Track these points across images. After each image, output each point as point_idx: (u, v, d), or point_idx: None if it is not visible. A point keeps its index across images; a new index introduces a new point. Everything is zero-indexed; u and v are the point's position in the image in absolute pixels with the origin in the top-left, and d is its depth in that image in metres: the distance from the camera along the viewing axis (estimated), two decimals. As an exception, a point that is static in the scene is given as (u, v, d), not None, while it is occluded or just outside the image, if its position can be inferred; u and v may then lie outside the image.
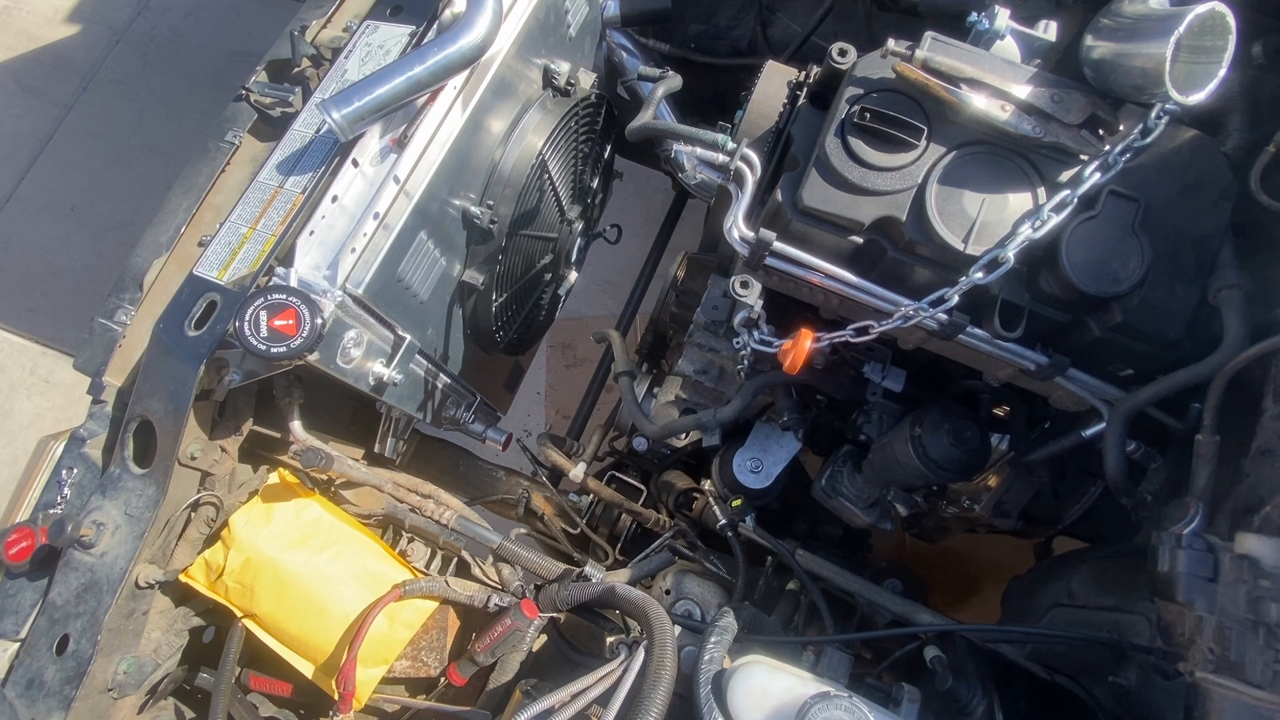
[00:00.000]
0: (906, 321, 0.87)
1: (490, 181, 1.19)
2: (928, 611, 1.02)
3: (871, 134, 0.88)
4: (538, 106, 1.23)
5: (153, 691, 0.98)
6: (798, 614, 1.10)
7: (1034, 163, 0.87)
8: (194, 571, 0.97)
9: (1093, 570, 1.05)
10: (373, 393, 1.03)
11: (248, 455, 1.07)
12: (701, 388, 1.30)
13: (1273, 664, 0.64)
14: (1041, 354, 0.90)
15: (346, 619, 0.95)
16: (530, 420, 2.21)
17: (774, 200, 0.94)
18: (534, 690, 0.84)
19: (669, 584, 1.12)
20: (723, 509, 1.23)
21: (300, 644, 0.96)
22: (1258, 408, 0.80)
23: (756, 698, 0.73)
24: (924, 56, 0.87)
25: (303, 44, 1.12)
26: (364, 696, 0.94)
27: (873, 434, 1.19)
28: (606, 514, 1.37)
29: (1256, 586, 0.67)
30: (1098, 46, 0.85)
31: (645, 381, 1.37)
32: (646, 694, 0.72)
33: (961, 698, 0.87)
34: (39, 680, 0.90)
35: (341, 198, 0.93)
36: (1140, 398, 0.87)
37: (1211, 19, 0.74)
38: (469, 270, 1.21)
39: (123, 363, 0.94)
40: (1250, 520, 0.73)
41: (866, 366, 1.14)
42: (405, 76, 0.92)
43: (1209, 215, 0.87)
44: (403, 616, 0.97)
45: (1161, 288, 0.85)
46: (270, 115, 1.08)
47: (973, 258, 0.85)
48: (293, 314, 0.85)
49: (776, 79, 1.14)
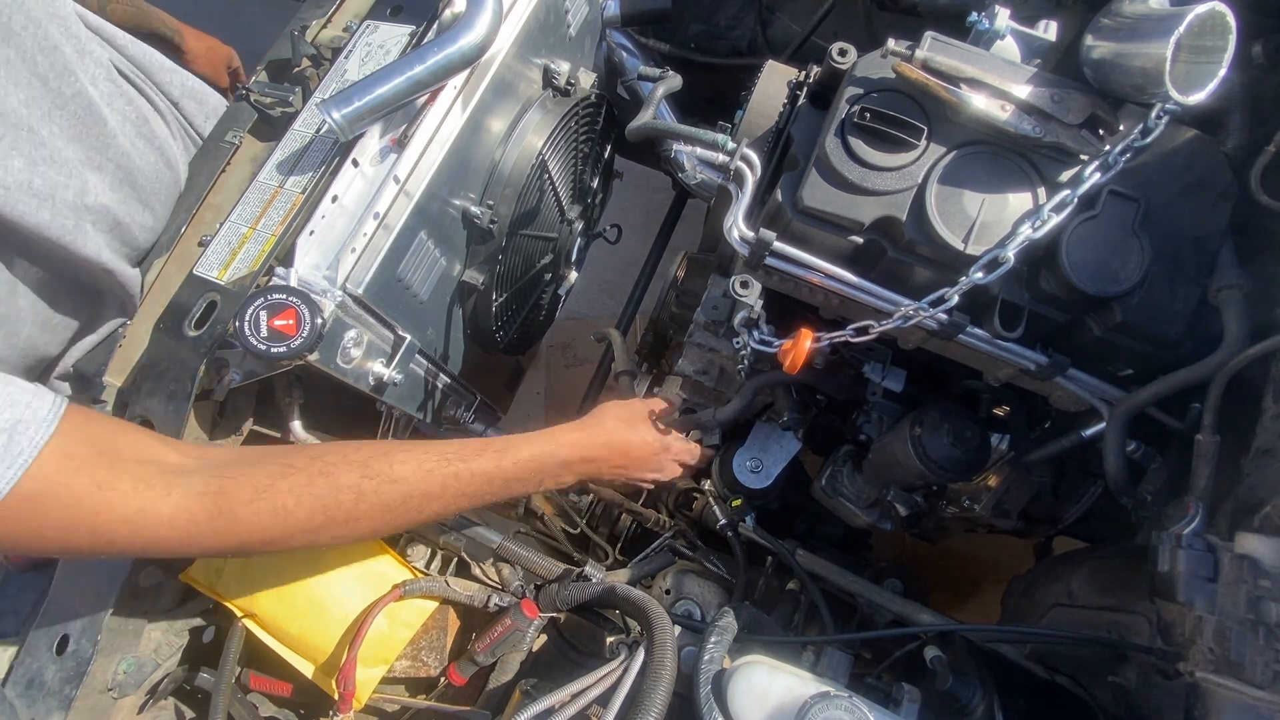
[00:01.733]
0: (906, 321, 0.87)
1: (490, 181, 1.19)
2: (928, 611, 1.02)
3: (871, 134, 0.88)
4: (538, 106, 1.23)
5: (153, 691, 0.98)
6: (798, 614, 1.10)
7: (1034, 163, 0.87)
8: (194, 571, 0.97)
9: (1093, 570, 1.05)
10: (373, 393, 1.03)
11: (248, 455, 1.07)
12: (701, 388, 1.30)
13: (1273, 664, 0.64)
14: (1041, 354, 0.90)
15: (346, 619, 0.95)
16: (530, 420, 2.21)
17: (774, 200, 0.94)
18: (534, 690, 0.84)
19: (669, 584, 1.12)
20: (723, 509, 1.23)
21: (300, 644, 0.96)
22: (1258, 408, 0.80)
23: (756, 697, 0.73)
24: (924, 56, 0.87)
25: (303, 44, 1.12)
26: (364, 696, 0.94)
27: (873, 434, 1.19)
28: (606, 514, 1.37)
29: (1256, 586, 0.67)
30: (1098, 46, 0.85)
31: (645, 381, 1.37)
32: (646, 694, 0.72)
33: (961, 698, 0.87)
34: (39, 680, 0.90)
35: (341, 198, 0.93)
36: (1140, 397, 0.87)
37: (1211, 19, 0.74)
38: (469, 270, 1.21)
39: (123, 363, 0.94)
40: (1250, 520, 0.73)
41: (866, 366, 1.14)
42: (405, 76, 0.92)
43: (1209, 215, 0.87)
44: (403, 616, 0.97)
45: (1161, 288, 0.85)
46: (270, 115, 1.08)
47: (973, 258, 0.85)
48: (293, 314, 0.85)
49: (776, 79, 1.14)
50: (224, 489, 0.71)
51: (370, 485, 0.79)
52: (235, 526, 0.72)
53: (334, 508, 0.77)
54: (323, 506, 0.76)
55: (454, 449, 0.88)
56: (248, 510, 0.72)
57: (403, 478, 0.82)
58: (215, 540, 0.72)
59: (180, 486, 0.70)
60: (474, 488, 0.88)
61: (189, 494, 0.70)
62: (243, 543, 0.73)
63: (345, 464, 0.79)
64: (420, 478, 0.83)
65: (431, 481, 0.84)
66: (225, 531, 0.71)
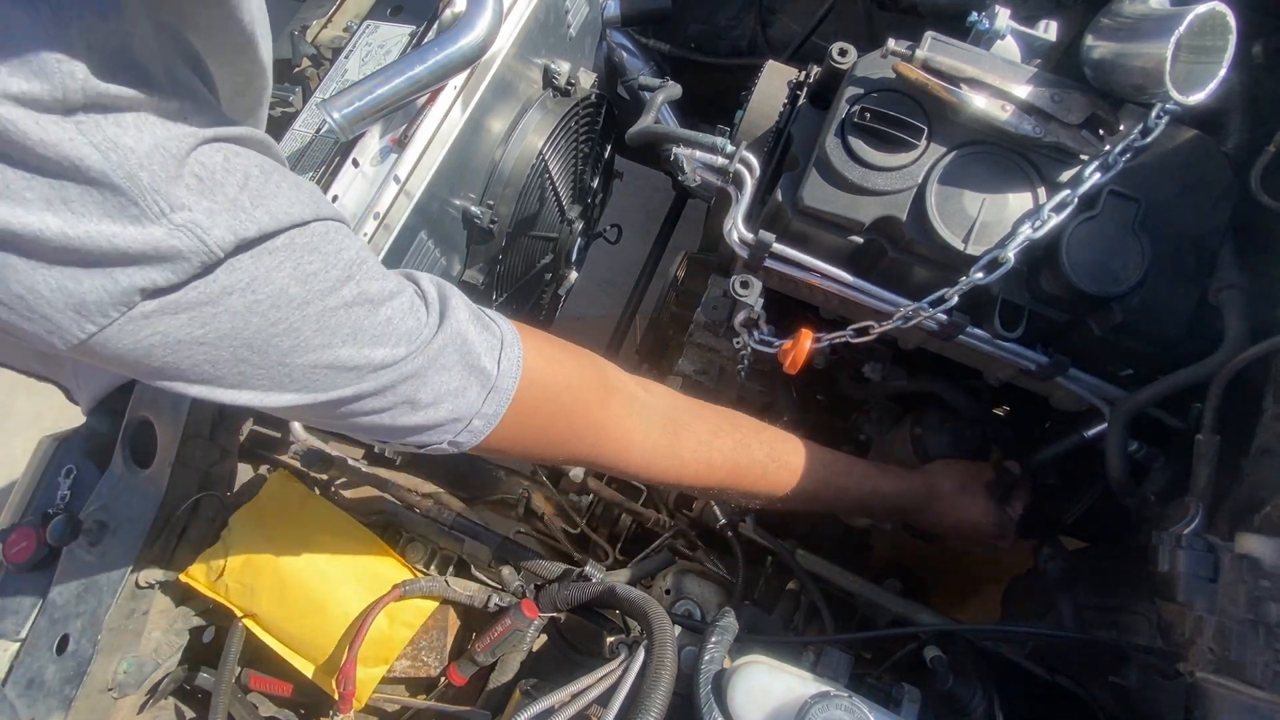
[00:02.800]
0: (907, 322, 0.87)
1: (490, 181, 1.19)
2: (928, 611, 1.02)
3: (872, 134, 0.88)
4: (538, 106, 1.23)
5: (153, 691, 0.98)
6: (798, 614, 1.10)
7: (1034, 163, 0.87)
8: (194, 571, 0.97)
9: (1093, 570, 1.05)
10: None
11: (248, 455, 1.07)
12: (702, 388, 1.30)
13: (1273, 664, 0.64)
14: (1042, 354, 0.90)
15: (346, 619, 0.95)
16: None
17: (774, 200, 0.94)
18: (534, 690, 0.84)
19: (669, 584, 1.12)
20: (723, 509, 1.23)
21: (300, 644, 0.96)
22: (1258, 408, 0.80)
23: (756, 697, 0.73)
24: (924, 56, 0.87)
25: (303, 44, 1.12)
26: (364, 696, 0.94)
27: (873, 434, 1.19)
28: (606, 514, 1.37)
29: (1257, 586, 0.67)
30: (1098, 46, 0.85)
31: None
32: (646, 694, 0.72)
33: (961, 698, 0.87)
34: (39, 680, 0.90)
35: (342, 198, 0.93)
36: (1141, 397, 0.87)
37: (1212, 19, 0.74)
38: (469, 270, 1.21)
39: (123, 363, 0.94)
40: (1250, 520, 0.73)
41: (866, 366, 1.14)
42: (405, 76, 0.92)
43: (1209, 215, 0.87)
44: (403, 616, 0.97)
45: (1162, 288, 0.85)
46: (270, 115, 1.08)
47: (973, 258, 0.85)
48: (293, 314, 0.85)
49: (776, 79, 1.14)
50: (678, 433, 0.82)
51: (773, 468, 0.89)
52: (680, 467, 0.83)
53: (743, 476, 0.87)
54: (736, 472, 0.87)
55: (829, 459, 0.95)
56: (690, 455, 0.83)
57: (797, 468, 0.91)
58: (664, 472, 0.83)
59: (651, 420, 0.80)
60: (830, 498, 0.95)
61: (655, 429, 0.80)
62: (679, 479, 0.84)
63: (758, 440, 0.89)
64: (808, 474, 0.92)
65: (814, 480, 0.92)
66: (672, 468, 0.82)
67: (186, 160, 0.45)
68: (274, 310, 0.51)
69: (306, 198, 0.53)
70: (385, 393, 0.60)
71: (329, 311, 0.54)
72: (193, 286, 0.47)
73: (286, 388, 0.55)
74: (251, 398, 0.55)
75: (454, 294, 0.67)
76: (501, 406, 0.66)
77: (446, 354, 0.62)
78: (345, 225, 0.58)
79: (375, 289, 0.57)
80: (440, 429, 0.65)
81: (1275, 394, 0.78)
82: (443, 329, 0.63)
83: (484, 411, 0.66)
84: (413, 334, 0.60)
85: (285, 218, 0.50)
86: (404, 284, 0.62)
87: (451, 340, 0.63)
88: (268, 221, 0.49)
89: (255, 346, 0.51)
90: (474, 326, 0.66)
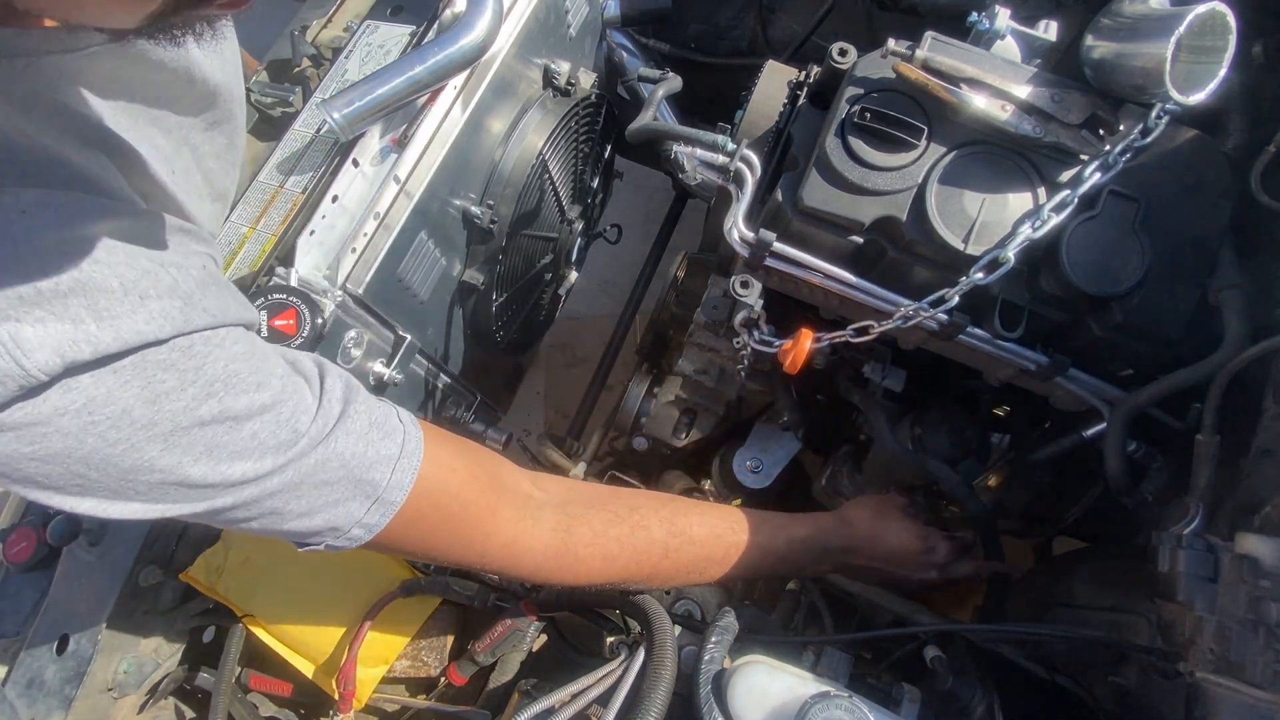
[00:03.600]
0: (907, 322, 0.87)
1: (490, 181, 1.19)
2: (928, 611, 1.02)
3: (871, 134, 0.88)
4: (538, 106, 1.23)
5: (153, 691, 0.98)
6: (798, 614, 1.10)
7: (1034, 163, 0.87)
8: (194, 571, 0.97)
9: (1093, 570, 1.05)
10: (373, 393, 1.03)
11: (248, 455, 1.07)
12: (701, 387, 1.30)
13: (1273, 664, 0.64)
14: (1041, 354, 0.90)
15: (346, 619, 0.95)
16: (530, 420, 2.21)
17: (774, 200, 0.94)
18: (534, 690, 0.84)
19: (669, 584, 1.12)
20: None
21: (300, 644, 0.96)
22: (1258, 408, 0.80)
23: (756, 697, 0.73)
24: (924, 56, 0.87)
25: (303, 44, 1.12)
26: (364, 696, 0.94)
27: (872, 434, 1.19)
28: (606, 514, 1.37)
29: (1257, 586, 0.67)
30: (1098, 46, 0.85)
31: (645, 381, 1.37)
32: (646, 694, 0.72)
33: (962, 698, 0.87)
34: (39, 680, 0.90)
35: (342, 198, 0.93)
36: (1141, 397, 0.87)
37: (1212, 19, 0.74)
38: (469, 270, 1.21)
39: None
40: (1250, 520, 0.73)
41: (866, 366, 1.14)
42: (405, 76, 0.92)
43: (1209, 215, 0.87)
44: (403, 616, 0.97)
45: (1162, 288, 0.85)
46: (270, 115, 1.08)
47: (973, 258, 0.85)
48: (293, 314, 0.85)
49: (776, 79, 1.14)
50: (570, 529, 0.77)
51: (675, 544, 0.84)
52: (575, 565, 0.78)
53: (645, 561, 0.82)
54: (636, 559, 0.81)
55: (736, 517, 0.90)
56: (586, 552, 0.78)
57: (699, 540, 0.86)
58: (558, 573, 0.78)
59: (543, 521, 0.76)
60: (749, 559, 0.89)
61: (547, 529, 0.76)
62: (575, 578, 0.80)
63: (656, 519, 0.84)
64: (711, 541, 0.87)
65: (718, 547, 0.87)
66: (567, 568, 0.78)
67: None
68: (113, 431, 0.47)
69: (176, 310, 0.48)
70: (248, 505, 0.57)
71: (180, 431, 0.50)
72: (19, 408, 0.43)
73: (132, 499, 0.52)
74: (93, 506, 0.51)
75: (358, 399, 0.64)
76: (385, 518, 0.64)
77: (329, 467, 0.60)
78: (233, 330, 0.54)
79: (242, 404, 0.53)
80: (315, 536, 0.63)
81: (1275, 394, 0.78)
82: (328, 441, 0.59)
83: (365, 521, 0.64)
84: (284, 446, 0.56)
85: (134, 338, 0.46)
86: (291, 392, 0.58)
87: (336, 454, 0.60)
88: (110, 343, 0.45)
89: (92, 464, 0.48)
90: (372, 435, 0.63)
